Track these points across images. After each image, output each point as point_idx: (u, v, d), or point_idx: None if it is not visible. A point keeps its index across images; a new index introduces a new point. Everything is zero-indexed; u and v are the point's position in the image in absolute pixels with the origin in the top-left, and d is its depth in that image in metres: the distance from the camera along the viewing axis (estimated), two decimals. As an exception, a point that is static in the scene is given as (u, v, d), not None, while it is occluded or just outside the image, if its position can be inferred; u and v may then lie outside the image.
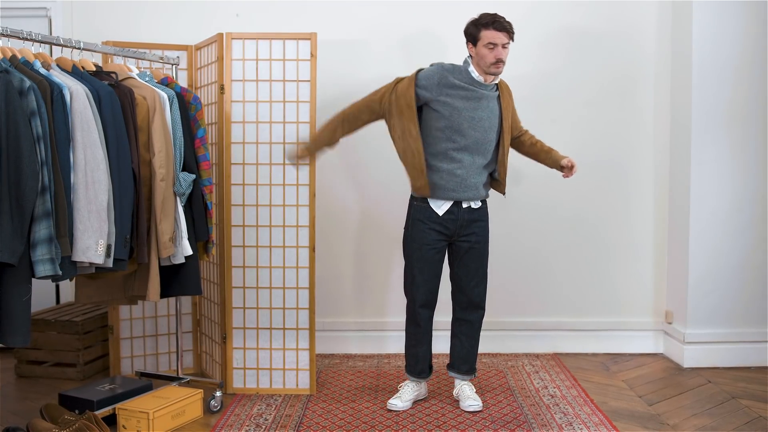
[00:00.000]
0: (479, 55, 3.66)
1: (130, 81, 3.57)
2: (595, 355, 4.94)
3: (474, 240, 3.85)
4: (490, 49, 3.62)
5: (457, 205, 3.79)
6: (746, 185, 4.62)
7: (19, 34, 3.22)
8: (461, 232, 3.83)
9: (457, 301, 3.96)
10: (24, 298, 2.85)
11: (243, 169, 4.15)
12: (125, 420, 3.59)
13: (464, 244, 3.85)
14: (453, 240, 3.86)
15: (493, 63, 3.64)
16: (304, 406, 3.97)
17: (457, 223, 3.80)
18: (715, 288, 4.65)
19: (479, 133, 3.72)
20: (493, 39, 3.61)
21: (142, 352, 4.48)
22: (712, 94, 4.56)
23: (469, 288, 3.90)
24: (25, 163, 2.79)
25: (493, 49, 3.62)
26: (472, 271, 3.89)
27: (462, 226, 3.81)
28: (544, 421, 3.73)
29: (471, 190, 3.77)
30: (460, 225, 3.81)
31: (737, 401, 4.04)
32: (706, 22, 4.53)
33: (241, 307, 4.18)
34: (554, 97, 4.87)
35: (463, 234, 3.83)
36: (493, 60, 3.63)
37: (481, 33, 3.63)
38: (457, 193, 3.75)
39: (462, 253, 3.87)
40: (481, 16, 3.67)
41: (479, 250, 3.87)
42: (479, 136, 3.72)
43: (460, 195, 3.76)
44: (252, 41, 4.11)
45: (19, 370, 4.54)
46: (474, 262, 3.88)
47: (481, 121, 3.71)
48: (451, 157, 3.73)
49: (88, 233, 3.03)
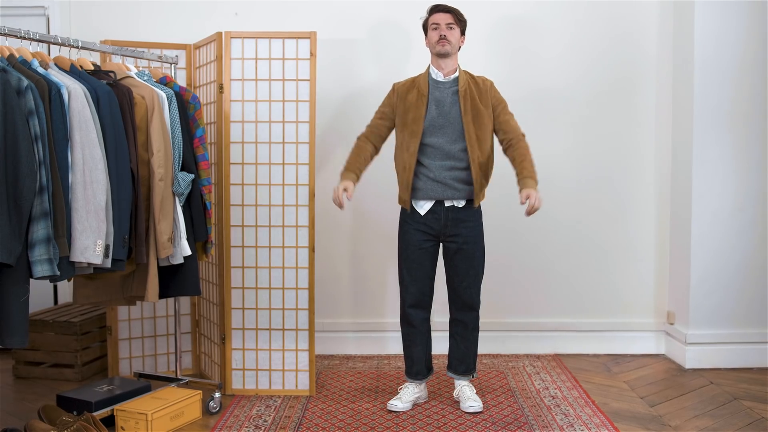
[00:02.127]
0: (429, 40, 3.85)
1: (129, 80, 3.56)
2: (596, 356, 4.92)
3: (461, 241, 3.85)
4: (434, 29, 3.80)
5: (439, 204, 3.81)
6: (748, 185, 4.60)
7: (17, 32, 3.20)
8: (447, 232, 3.83)
9: (452, 301, 3.98)
10: (22, 299, 2.84)
11: (242, 168, 4.14)
12: (124, 421, 3.57)
13: (452, 245, 3.87)
14: (441, 240, 3.88)
15: (437, 41, 3.78)
16: (303, 408, 3.96)
17: (440, 223, 3.81)
18: (717, 288, 4.63)
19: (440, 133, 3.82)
20: (435, 20, 3.80)
21: (141, 353, 4.47)
22: (715, 94, 4.55)
23: (461, 288, 3.90)
24: (22, 163, 2.77)
25: (437, 28, 3.79)
26: (462, 272, 3.88)
27: (446, 225, 3.82)
28: (545, 423, 3.71)
29: (448, 189, 3.79)
30: (444, 225, 3.82)
31: (739, 402, 4.03)
32: (708, 22, 4.52)
33: (240, 308, 4.17)
34: (555, 97, 4.86)
35: (449, 234, 3.84)
36: (437, 38, 3.78)
37: (428, 20, 3.84)
38: (435, 193, 3.81)
39: (451, 254, 3.89)
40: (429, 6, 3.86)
41: (468, 251, 3.86)
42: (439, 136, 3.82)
43: (440, 194, 3.80)
44: (251, 40, 4.10)
45: (16, 371, 4.53)
46: (464, 263, 3.87)
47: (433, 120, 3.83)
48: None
49: (87, 233, 3.02)
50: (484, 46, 4.79)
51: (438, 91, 3.81)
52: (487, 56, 4.79)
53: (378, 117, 3.95)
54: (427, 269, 3.89)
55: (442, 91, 3.81)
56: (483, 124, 3.79)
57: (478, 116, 3.78)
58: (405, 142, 3.82)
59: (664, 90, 4.86)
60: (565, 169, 4.89)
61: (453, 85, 3.81)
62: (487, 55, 4.79)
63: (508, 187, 4.58)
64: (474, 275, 3.90)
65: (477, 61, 4.69)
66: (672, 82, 4.84)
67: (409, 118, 3.81)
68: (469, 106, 3.78)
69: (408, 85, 3.89)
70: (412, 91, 3.85)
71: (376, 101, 3.98)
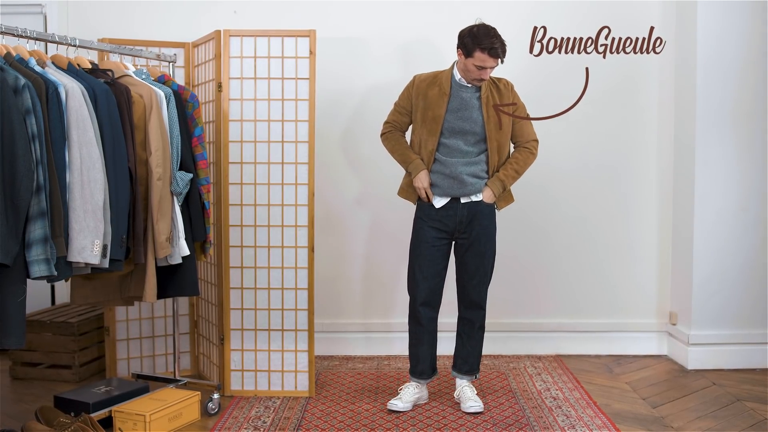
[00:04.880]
0: (467, 68, 3.69)
1: (127, 79, 3.55)
2: (598, 357, 4.90)
3: (474, 237, 3.83)
4: (479, 69, 3.66)
5: (455, 201, 3.80)
6: (752, 185, 4.58)
7: (14, 31, 3.19)
8: (461, 228, 3.82)
9: (460, 299, 3.97)
10: (19, 299, 2.83)
11: (241, 168, 4.12)
12: (121, 423, 3.56)
13: (464, 242, 3.85)
14: (455, 238, 3.86)
15: (475, 78, 3.70)
16: (303, 409, 3.94)
17: (456, 220, 3.80)
18: (720, 289, 4.61)
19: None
20: (484, 63, 3.64)
21: (139, 354, 4.45)
22: (717, 93, 4.53)
23: (470, 286, 3.90)
24: (19, 162, 2.76)
25: (482, 70, 3.67)
26: (472, 269, 3.87)
27: (461, 222, 3.81)
28: (547, 424, 3.69)
29: (465, 186, 3.78)
30: (460, 221, 3.80)
31: (742, 403, 4.01)
32: (710, 21, 4.50)
33: (239, 308, 4.15)
34: (557, 96, 4.82)
35: (463, 231, 3.83)
36: (478, 78, 3.69)
37: (476, 53, 3.62)
38: (452, 190, 3.79)
39: (463, 250, 3.88)
40: (480, 34, 3.63)
41: (480, 248, 3.84)
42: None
43: (456, 191, 3.79)
44: (250, 38, 4.08)
45: (13, 372, 4.51)
46: (474, 260, 3.86)
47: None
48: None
49: (84, 233, 3.01)
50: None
51: (461, 94, 3.76)
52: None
53: (397, 111, 3.93)
54: (439, 267, 3.88)
55: (465, 95, 3.76)
56: (504, 130, 3.80)
57: (500, 122, 3.78)
58: (423, 140, 3.80)
59: (666, 89, 4.84)
60: (567, 169, 4.87)
61: (476, 91, 3.78)
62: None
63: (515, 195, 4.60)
64: (483, 273, 3.89)
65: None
66: (674, 81, 4.81)
67: (429, 115, 3.77)
68: (493, 113, 3.76)
69: (430, 80, 3.83)
70: (434, 87, 3.79)
71: (377, 99, 3.97)
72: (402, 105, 3.91)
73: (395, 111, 3.94)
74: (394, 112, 3.94)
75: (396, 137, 3.92)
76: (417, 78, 3.87)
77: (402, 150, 3.88)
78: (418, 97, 3.82)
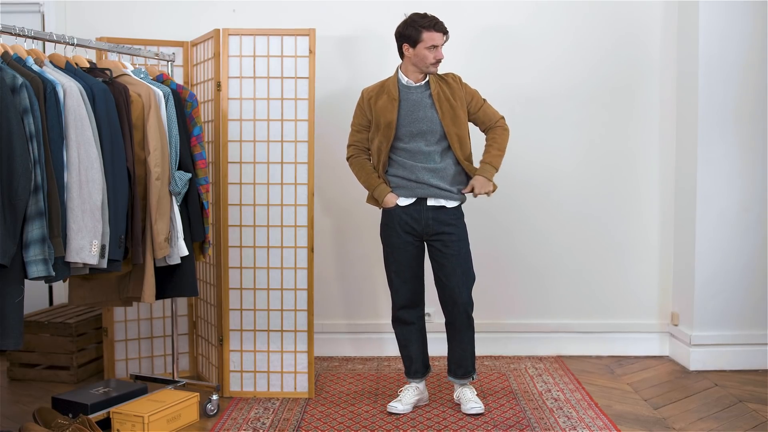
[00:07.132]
0: (419, 57, 3.72)
1: (125, 78, 3.54)
2: (599, 358, 4.88)
3: (446, 239, 3.80)
4: (430, 48, 3.70)
5: (421, 202, 3.80)
6: (754, 185, 4.57)
7: (12, 30, 3.20)
8: (429, 231, 3.80)
9: (444, 303, 3.90)
10: (16, 300, 2.82)
11: (240, 167, 4.10)
12: (120, 424, 3.55)
13: (437, 244, 3.83)
14: (425, 239, 3.85)
15: (432, 63, 3.72)
16: (302, 410, 3.92)
17: (422, 223, 3.79)
18: (723, 289, 4.59)
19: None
20: (434, 41, 3.69)
21: (137, 355, 4.43)
22: (719, 93, 4.51)
23: (449, 288, 3.83)
24: (17, 162, 2.76)
25: (435, 49, 3.70)
26: (449, 270, 3.81)
27: (428, 225, 3.79)
28: (548, 425, 3.68)
29: (429, 188, 3.77)
30: (426, 224, 3.79)
31: (744, 405, 3.99)
32: (712, 21, 4.48)
33: (238, 309, 4.14)
34: (559, 95, 4.82)
35: (432, 233, 3.81)
36: (434, 60, 3.71)
37: (423, 34, 3.68)
38: (414, 193, 3.80)
39: (437, 254, 3.84)
40: (418, 18, 3.71)
41: (452, 251, 3.79)
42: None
43: (420, 193, 3.79)
44: (249, 37, 4.07)
45: (11, 373, 4.50)
46: (449, 262, 3.80)
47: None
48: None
49: (82, 233, 3.00)
50: (490, 46, 4.75)
51: (411, 96, 3.78)
52: (493, 56, 4.75)
53: (356, 131, 3.93)
54: (415, 269, 3.88)
55: (414, 96, 3.78)
56: (461, 122, 3.79)
57: (456, 116, 3.77)
58: (380, 147, 3.81)
59: (668, 89, 4.82)
60: (569, 169, 4.86)
61: (425, 89, 3.79)
62: (492, 55, 4.75)
63: (507, 188, 4.58)
64: (461, 273, 3.82)
65: (483, 61, 4.68)
66: (676, 81, 4.80)
67: (382, 123, 3.78)
68: (446, 107, 3.76)
69: (377, 90, 3.85)
70: (382, 96, 3.81)
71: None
72: (358, 123, 3.92)
73: (354, 131, 3.94)
74: (354, 132, 3.94)
75: (360, 162, 3.91)
76: (365, 92, 3.91)
77: (366, 176, 3.88)
78: (371, 110, 3.83)
